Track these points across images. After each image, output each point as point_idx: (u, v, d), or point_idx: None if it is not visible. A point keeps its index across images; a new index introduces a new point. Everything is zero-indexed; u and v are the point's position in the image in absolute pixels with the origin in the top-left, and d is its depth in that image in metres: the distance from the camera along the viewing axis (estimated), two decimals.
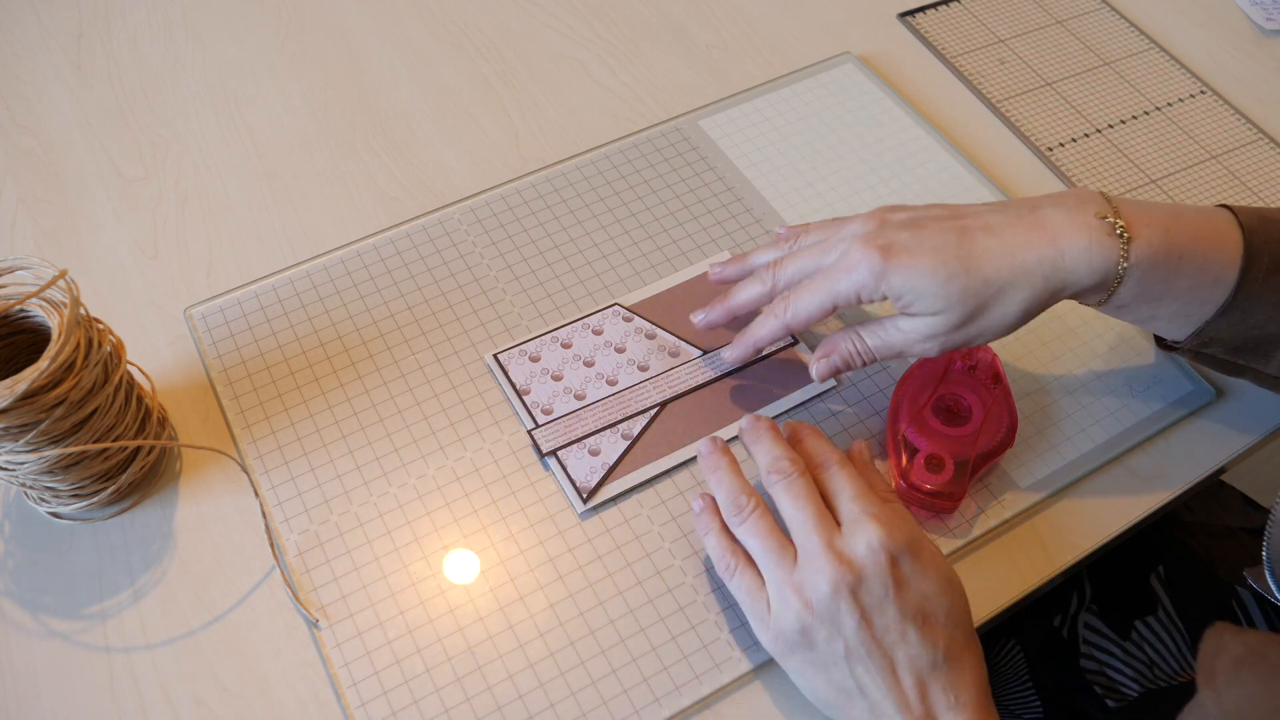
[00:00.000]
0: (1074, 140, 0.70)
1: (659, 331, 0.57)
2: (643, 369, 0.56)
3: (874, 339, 0.51)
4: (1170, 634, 0.63)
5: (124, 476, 0.52)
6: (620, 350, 0.57)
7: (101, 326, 0.49)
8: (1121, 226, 0.47)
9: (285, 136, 0.70)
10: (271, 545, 0.52)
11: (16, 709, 0.47)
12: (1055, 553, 0.52)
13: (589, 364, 0.56)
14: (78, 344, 0.46)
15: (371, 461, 0.54)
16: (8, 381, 0.43)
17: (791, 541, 0.46)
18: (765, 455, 0.49)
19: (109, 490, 0.51)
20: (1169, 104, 0.72)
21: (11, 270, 0.47)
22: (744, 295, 0.55)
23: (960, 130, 0.71)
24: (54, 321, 0.46)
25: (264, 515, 0.53)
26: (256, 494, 0.53)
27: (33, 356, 0.49)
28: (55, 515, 0.53)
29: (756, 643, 0.49)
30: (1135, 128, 0.71)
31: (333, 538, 0.52)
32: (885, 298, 0.49)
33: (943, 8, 0.79)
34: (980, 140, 0.70)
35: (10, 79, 0.74)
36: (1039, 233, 0.48)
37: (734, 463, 0.50)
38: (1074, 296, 0.49)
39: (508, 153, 0.69)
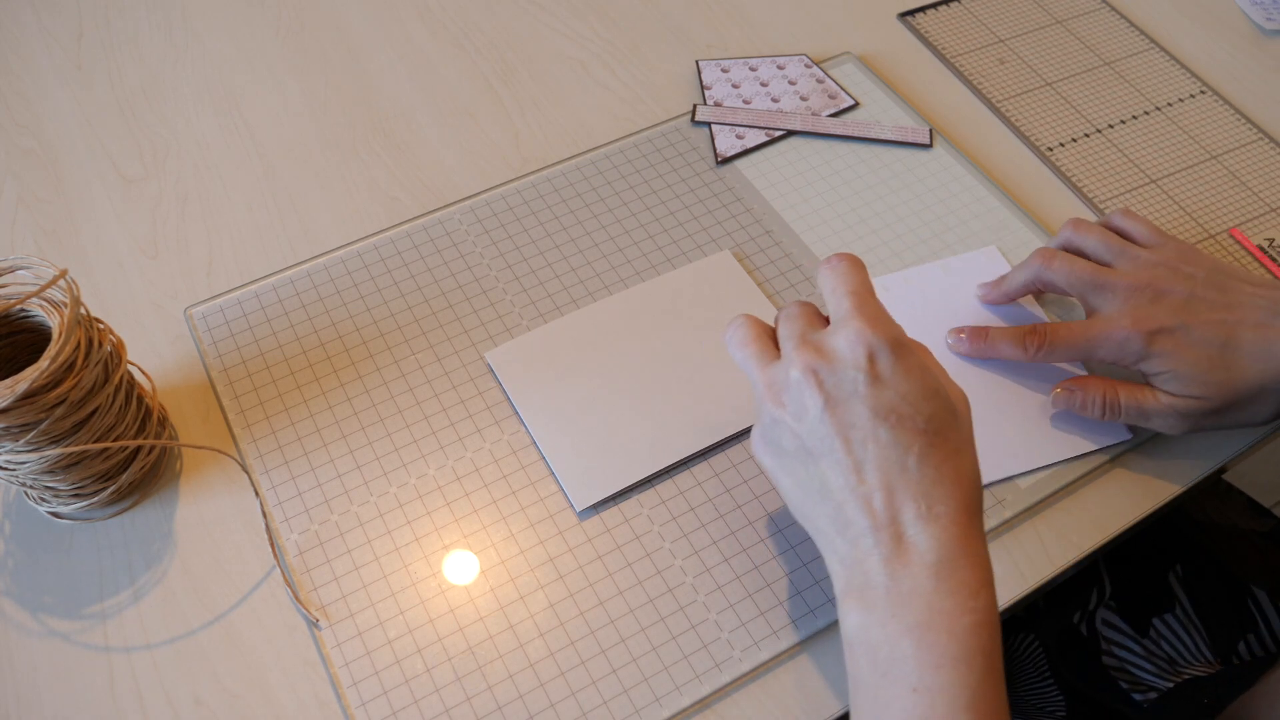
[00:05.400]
0: (1074, 140, 0.70)
1: (828, 79, 0.70)
2: (804, 98, 0.69)
3: (1129, 399, 0.52)
4: (1189, 632, 0.63)
5: (124, 476, 0.52)
6: (792, 82, 0.69)
7: (101, 326, 0.49)
8: None
9: (285, 136, 0.70)
10: (271, 545, 0.52)
11: (16, 709, 0.47)
12: (1055, 553, 0.52)
13: (764, 84, 0.70)
14: (78, 344, 0.46)
15: (372, 461, 0.54)
16: (8, 381, 0.43)
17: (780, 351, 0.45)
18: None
19: (109, 490, 0.51)
20: (1169, 104, 0.72)
21: (11, 270, 0.47)
22: (1003, 350, 0.55)
23: (960, 130, 0.71)
24: (54, 321, 0.46)
25: (264, 515, 0.53)
26: (256, 494, 0.53)
27: (33, 356, 0.49)
28: (55, 515, 0.52)
29: (755, 643, 0.49)
30: (1135, 128, 0.71)
31: (333, 537, 0.52)
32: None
33: (943, 8, 0.79)
34: (980, 140, 0.70)
35: (10, 79, 0.74)
36: None
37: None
38: None
39: (508, 153, 0.69)
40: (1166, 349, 0.49)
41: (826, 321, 0.45)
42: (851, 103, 0.71)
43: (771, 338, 0.46)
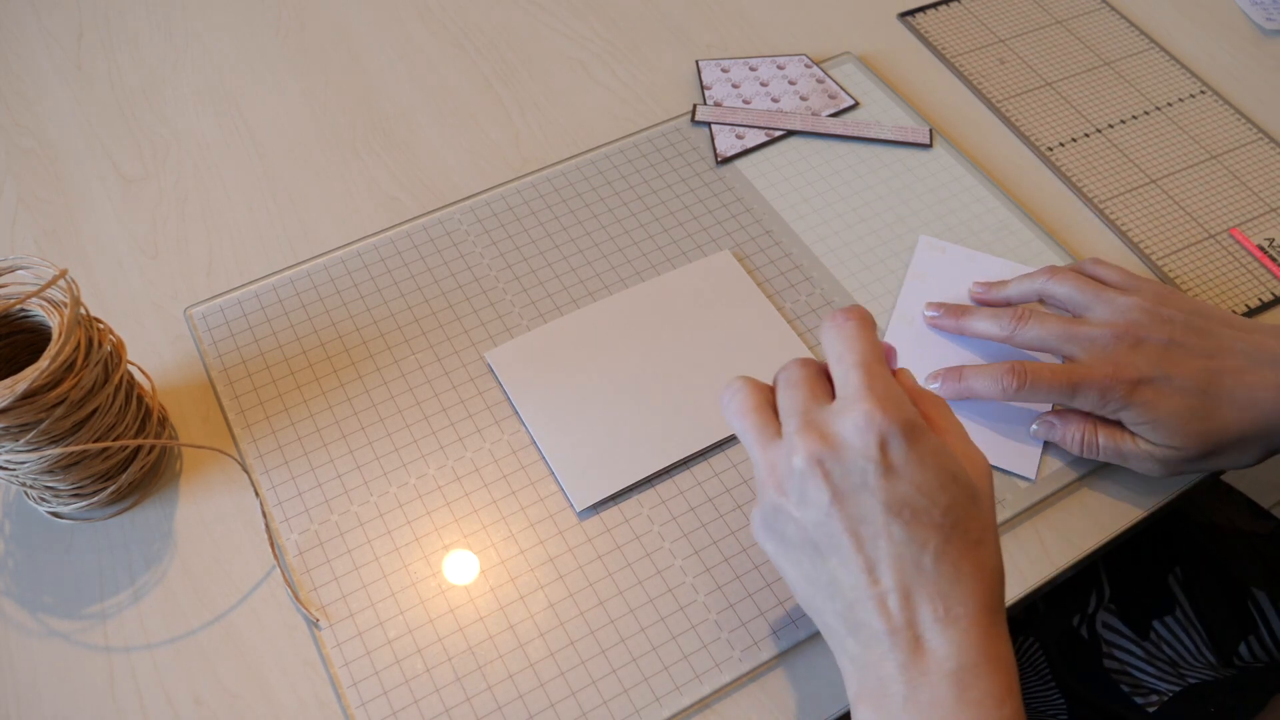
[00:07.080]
0: (1074, 140, 0.70)
1: (827, 79, 0.70)
2: (804, 98, 0.69)
3: (1108, 440, 0.51)
4: (1189, 634, 0.63)
5: (124, 476, 0.52)
6: (792, 82, 0.70)
7: (101, 326, 0.49)
8: None
9: (285, 136, 0.70)
10: (271, 545, 0.52)
11: (16, 709, 0.47)
12: (1055, 553, 0.52)
13: (764, 84, 0.71)
14: (78, 343, 0.46)
15: (371, 461, 0.54)
16: (8, 381, 0.43)
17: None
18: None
19: (109, 490, 0.51)
20: (1169, 104, 0.72)
21: (11, 270, 0.47)
22: (978, 326, 0.55)
23: (960, 130, 0.71)
24: (54, 321, 0.46)
25: (264, 515, 0.53)
26: (256, 494, 0.53)
27: (33, 356, 0.49)
28: (55, 515, 0.53)
29: (755, 643, 0.49)
30: (1135, 128, 0.71)
31: (333, 537, 0.52)
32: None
33: (943, 8, 0.79)
34: (980, 140, 0.70)
35: (10, 79, 0.74)
36: None
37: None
38: None
39: (508, 153, 0.69)
40: (1147, 399, 0.48)
41: (830, 383, 0.42)
42: (851, 103, 0.71)
43: (772, 405, 0.42)
